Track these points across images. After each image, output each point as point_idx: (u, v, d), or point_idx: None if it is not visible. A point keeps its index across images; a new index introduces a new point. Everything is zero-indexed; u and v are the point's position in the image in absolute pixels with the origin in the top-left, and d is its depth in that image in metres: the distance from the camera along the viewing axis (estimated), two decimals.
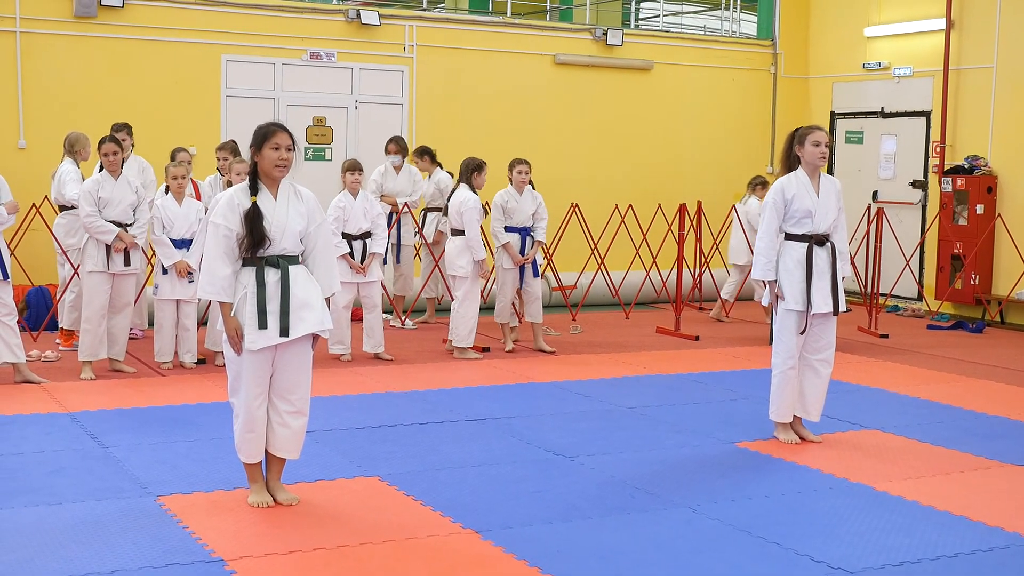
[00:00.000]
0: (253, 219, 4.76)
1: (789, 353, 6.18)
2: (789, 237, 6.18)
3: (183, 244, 7.87)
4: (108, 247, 7.59)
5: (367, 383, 7.76)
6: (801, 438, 6.34)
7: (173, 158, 8.57)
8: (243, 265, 4.82)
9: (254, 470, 4.99)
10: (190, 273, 7.86)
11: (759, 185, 11.08)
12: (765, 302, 6.38)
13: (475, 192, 8.73)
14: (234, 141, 8.94)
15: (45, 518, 4.70)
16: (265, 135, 4.82)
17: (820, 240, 6.14)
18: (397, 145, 10.16)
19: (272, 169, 4.83)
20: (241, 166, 8.20)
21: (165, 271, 7.86)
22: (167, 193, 7.97)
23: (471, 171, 8.76)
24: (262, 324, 4.76)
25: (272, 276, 4.81)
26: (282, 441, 4.95)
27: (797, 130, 6.29)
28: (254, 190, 4.83)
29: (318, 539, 4.52)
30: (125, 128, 8.82)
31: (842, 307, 6.21)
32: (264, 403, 4.88)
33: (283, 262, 4.83)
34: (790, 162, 6.25)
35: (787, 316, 6.16)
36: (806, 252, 6.11)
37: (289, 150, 4.82)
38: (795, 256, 6.13)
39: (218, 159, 8.83)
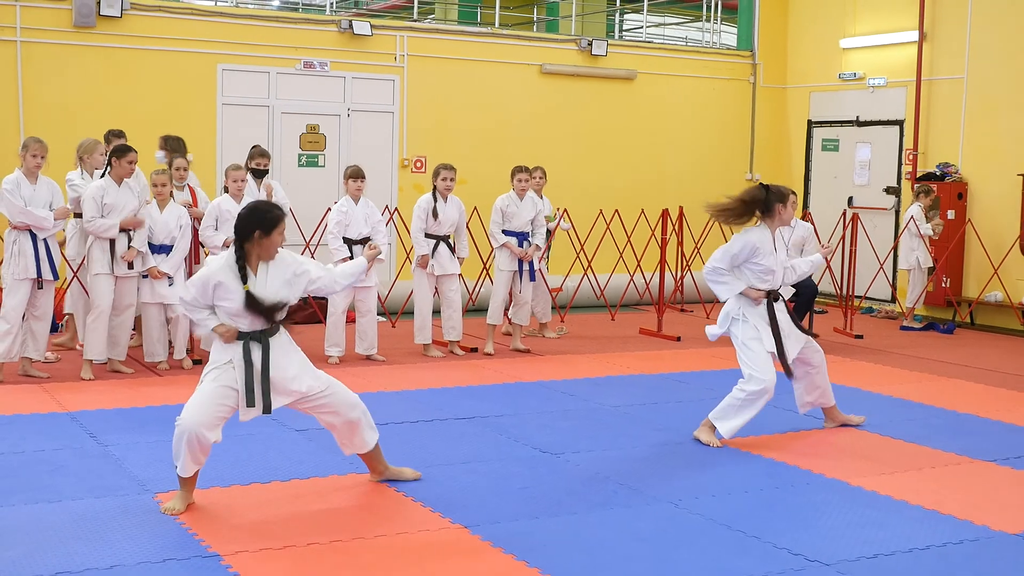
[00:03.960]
0: (253, 307, 4.79)
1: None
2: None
3: (163, 250, 7.92)
4: (112, 250, 7.67)
5: (359, 383, 7.79)
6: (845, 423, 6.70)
7: (170, 164, 8.68)
8: None
9: (189, 480, 4.97)
10: (170, 276, 7.91)
11: (922, 193, 11.21)
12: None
13: (435, 195, 8.86)
14: (176, 138, 8.83)
15: (45, 515, 4.76)
16: (276, 221, 4.81)
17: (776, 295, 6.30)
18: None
19: (274, 253, 4.87)
20: (238, 173, 8.32)
21: (146, 275, 7.91)
22: (151, 199, 8.00)
23: (433, 175, 8.95)
24: (250, 402, 4.84)
25: (257, 353, 4.87)
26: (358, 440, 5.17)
27: (781, 189, 6.23)
28: (244, 276, 4.82)
29: (311, 534, 4.59)
30: (123, 135, 8.81)
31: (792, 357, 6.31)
32: (217, 433, 4.89)
33: (264, 337, 4.88)
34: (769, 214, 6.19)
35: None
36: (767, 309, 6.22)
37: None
38: (760, 312, 6.22)
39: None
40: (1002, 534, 4.82)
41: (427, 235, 8.89)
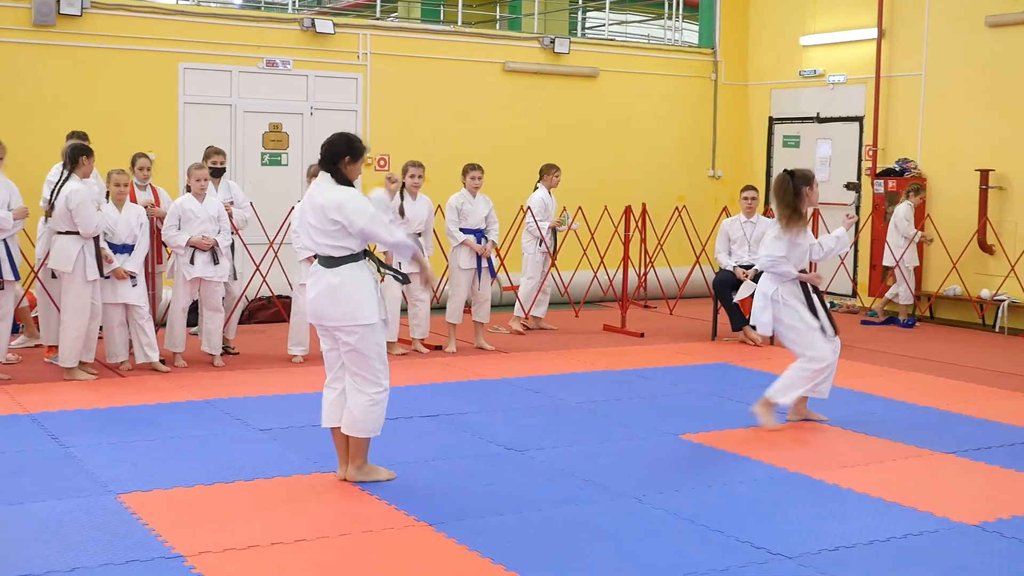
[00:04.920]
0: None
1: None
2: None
3: (125, 249, 7.83)
4: (99, 254, 7.57)
5: (322, 382, 7.82)
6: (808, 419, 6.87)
7: (134, 163, 8.58)
8: (359, 259, 5.26)
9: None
10: (133, 276, 7.83)
11: (912, 192, 11.31)
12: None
13: (403, 193, 8.84)
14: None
15: (6, 518, 4.72)
16: (363, 150, 5.30)
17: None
18: None
19: (357, 176, 5.29)
20: (201, 172, 8.24)
21: (107, 276, 7.79)
22: (108, 200, 7.90)
23: (402, 172, 8.98)
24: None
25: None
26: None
27: (805, 172, 6.56)
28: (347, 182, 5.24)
29: (276, 534, 4.58)
30: (87, 137, 8.60)
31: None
32: None
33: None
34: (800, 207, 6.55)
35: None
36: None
37: None
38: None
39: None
40: (962, 525, 4.88)
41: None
